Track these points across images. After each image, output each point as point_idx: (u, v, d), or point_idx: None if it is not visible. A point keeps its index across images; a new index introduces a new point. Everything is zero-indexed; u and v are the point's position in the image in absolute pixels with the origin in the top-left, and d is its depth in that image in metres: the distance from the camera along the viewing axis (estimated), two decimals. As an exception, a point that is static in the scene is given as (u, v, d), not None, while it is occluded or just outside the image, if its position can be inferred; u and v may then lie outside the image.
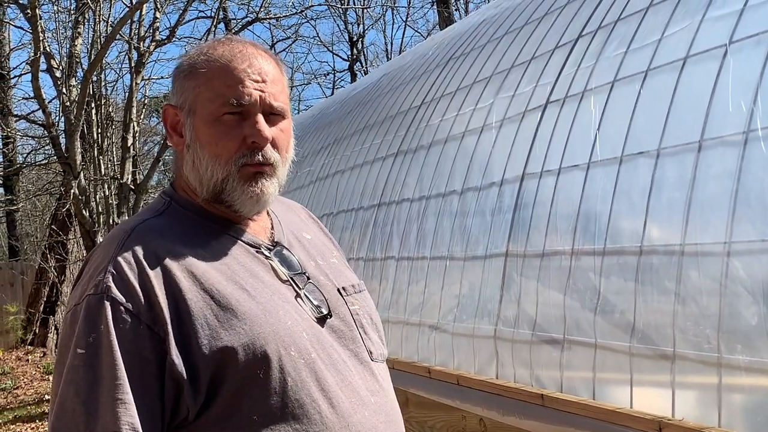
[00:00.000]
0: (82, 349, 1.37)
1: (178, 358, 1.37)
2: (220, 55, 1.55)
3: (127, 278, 1.41)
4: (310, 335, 1.49)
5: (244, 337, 1.41)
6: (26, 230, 21.49)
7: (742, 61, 2.55)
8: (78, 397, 1.35)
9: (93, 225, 8.64)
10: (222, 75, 1.53)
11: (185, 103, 1.56)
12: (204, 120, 1.53)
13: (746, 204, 2.35)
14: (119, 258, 1.43)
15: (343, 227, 5.47)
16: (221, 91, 1.52)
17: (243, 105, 1.52)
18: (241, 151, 1.52)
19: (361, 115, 6.25)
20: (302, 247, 1.68)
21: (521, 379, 3.20)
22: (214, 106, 1.52)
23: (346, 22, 23.91)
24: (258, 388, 1.40)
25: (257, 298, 1.47)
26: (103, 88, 9.83)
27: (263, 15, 10.79)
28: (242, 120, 1.53)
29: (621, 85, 3.08)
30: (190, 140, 1.56)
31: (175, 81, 1.60)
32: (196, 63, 1.56)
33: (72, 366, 1.38)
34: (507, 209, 3.53)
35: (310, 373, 1.44)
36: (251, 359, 1.40)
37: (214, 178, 1.53)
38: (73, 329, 1.40)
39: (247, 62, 1.54)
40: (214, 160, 1.52)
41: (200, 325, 1.40)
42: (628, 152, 2.87)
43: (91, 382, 1.36)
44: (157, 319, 1.39)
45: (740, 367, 2.28)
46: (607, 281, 2.82)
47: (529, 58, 3.93)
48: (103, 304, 1.39)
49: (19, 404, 9.85)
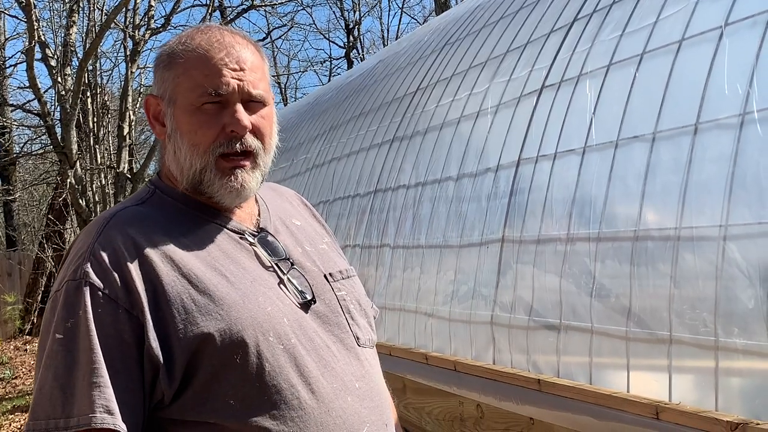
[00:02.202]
0: (60, 334, 1.39)
1: (155, 342, 1.39)
2: (197, 44, 1.55)
3: (105, 264, 1.42)
4: (291, 321, 1.50)
5: (220, 323, 1.41)
6: (23, 220, 21.50)
7: (738, 43, 2.54)
8: (56, 381, 1.37)
9: (90, 214, 8.63)
10: (200, 65, 1.53)
11: (165, 93, 1.57)
12: (183, 109, 1.54)
13: (742, 187, 2.34)
14: (97, 244, 1.45)
15: (340, 214, 5.46)
16: (199, 80, 1.52)
17: (221, 95, 1.52)
18: (219, 140, 1.53)
19: (357, 102, 6.23)
20: (290, 233, 1.68)
21: (518, 364, 3.20)
22: (193, 95, 1.53)
23: (343, 9, 23.89)
24: (235, 373, 1.41)
25: (236, 284, 1.48)
26: (99, 77, 9.82)
27: (259, 2, 10.75)
28: (222, 109, 1.53)
29: (616, 69, 3.06)
30: (171, 130, 1.56)
31: (155, 71, 1.61)
32: (174, 53, 1.57)
33: (51, 351, 1.39)
34: (503, 195, 3.52)
35: (289, 359, 1.45)
36: (228, 344, 1.41)
37: (192, 168, 1.54)
38: (53, 314, 1.42)
39: (225, 51, 1.54)
40: (192, 149, 1.53)
41: (177, 310, 1.41)
42: (623, 136, 2.86)
43: (68, 366, 1.37)
44: (135, 304, 1.40)
45: (737, 351, 2.28)
46: (603, 266, 2.81)
47: (524, 42, 3.92)
48: (82, 290, 1.40)
49: (18, 394, 9.86)
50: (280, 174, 7.19)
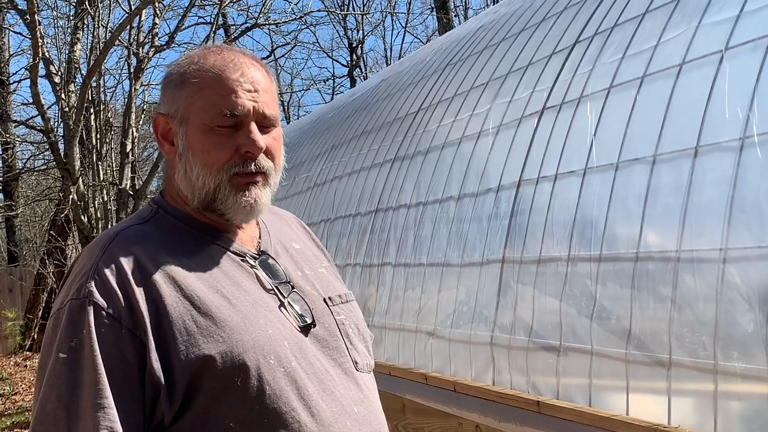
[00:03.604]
0: (64, 354, 1.38)
1: (158, 363, 1.38)
2: (212, 64, 1.55)
3: (109, 283, 1.41)
4: (291, 344, 1.49)
5: (222, 345, 1.41)
6: (25, 236, 21.50)
7: (739, 67, 2.55)
8: (59, 402, 1.36)
9: (92, 230, 8.64)
10: (215, 85, 1.53)
11: (177, 112, 1.56)
12: (197, 129, 1.53)
13: (742, 210, 2.35)
14: (101, 263, 1.44)
15: (341, 233, 5.46)
16: (214, 100, 1.52)
17: (236, 115, 1.52)
18: (233, 161, 1.52)
19: (359, 121, 6.25)
20: (289, 256, 1.68)
21: (518, 385, 3.19)
22: (207, 115, 1.52)
23: (346, 28, 23.96)
24: (235, 396, 1.40)
25: (238, 306, 1.47)
26: (102, 93, 9.84)
27: (262, 21, 10.80)
28: (236, 130, 1.53)
29: (617, 91, 3.08)
30: (182, 149, 1.55)
31: (165, 90, 1.60)
32: (187, 72, 1.56)
33: (54, 370, 1.38)
34: (504, 215, 3.52)
35: (289, 382, 1.44)
36: (228, 367, 1.40)
37: (205, 187, 1.53)
38: (56, 333, 1.41)
39: (239, 71, 1.54)
40: (205, 169, 1.52)
41: (179, 332, 1.40)
42: (624, 158, 2.86)
43: (72, 386, 1.36)
44: (138, 324, 1.39)
45: (736, 375, 2.27)
46: (604, 288, 2.81)
47: (526, 63, 3.93)
48: (86, 309, 1.39)
49: (17, 410, 9.83)
50: (281, 192, 7.19)
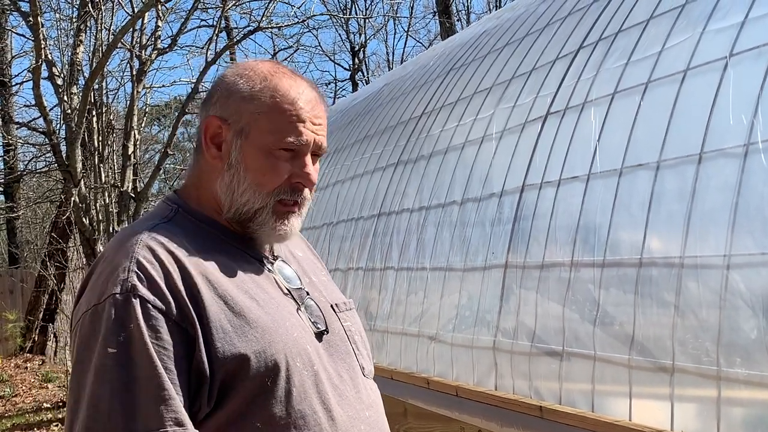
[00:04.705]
0: (113, 348, 1.36)
1: (204, 356, 1.39)
2: (286, 89, 1.56)
3: (152, 277, 1.41)
4: (312, 348, 1.52)
5: (256, 345, 1.42)
6: (26, 238, 21.48)
7: (743, 73, 2.55)
8: (114, 398, 1.34)
9: (93, 233, 8.63)
10: (287, 111, 1.55)
11: (237, 123, 1.56)
12: (257, 147, 1.55)
13: (746, 216, 2.35)
14: (140, 258, 1.43)
15: (343, 237, 5.47)
16: (283, 126, 1.54)
17: (300, 145, 1.55)
18: (283, 187, 1.55)
19: (362, 125, 6.25)
20: (297, 263, 1.71)
21: (520, 390, 3.19)
22: (271, 138, 1.54)
23: (348, 32, 23.96)
24: (265, 396, 1.42)
25: (266, 308, 1.49)
26: (105, 96, 9.84)
27: (265, 24, 10.79)
28: (292, 158, 1.56)
29: (621, 97, 3.08)
30: (234, 161, 1.56)
31: (227, 96, 1.59)
32: (258, 89, 1.57)
33: (103, 365, 1.36)
34: (507, 220, 3.52)
35: (312, 385, 1.47)
36: (262, 367, 1.42)
37: (248, 205, 1.55)
38: (96, 328, 1.39)
39: (311, 104, 1.57)
40: (255, 188, 1.54)
41: (215, 329, 1.41)
42: (628, 164, 2.86)
43: (126, 381, 1.35)
44: (185, 317, 1.40)
45: (739, 381, 2.27)
46: (607, 293, 2.81)
47: (529, 69, 3.94)
48: (131, 303, 1.38)
49: (18, 412, 9.82)
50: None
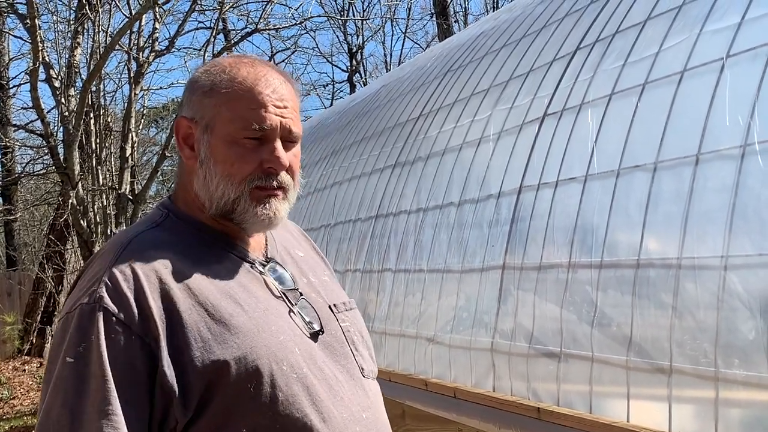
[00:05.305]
0: (71, 358, 1.37)
1: (170, 370, 1.37)
2: (244, 77, 1.55)
3: (121, 289, 1.40)
4: (302, 351, 1.49)
5: (236, 351, 1.41)
6: (24, 240, 21.47)
7: (740, 74, 2.56)
8: (64, 408, 1.35)
9: (91, 235, 8.63)
10: (245, 98, 1.53)
11: (202, 119, 1.56)
12: (222, 139, 1.53)
13: (743, 218, 2.35)
14: (114, 269, 1.43)
15: (341, 238, 5.46)
16: (243, 113, 1.52)
17: (264, 130, 1.53)
18: (255, 174, 1.53)
19: (360, 127, 6.25)
20: (295, 263, 1.69)
21: (518, 392, 3.19)
22: (234, 127, 1.52)
23: (346, 34, 23.96)
24: (249, 402, 1.40)
25: (250, 312, 1.47)
26: (102, 98, 9.84)
27: (262, 26, 10.81)
28: (260, 144, 1.53)
29: (618, 98, 3.08)
30: (204, 157, 1.55)
31: (192, 94, 1.59)
32: (217, 81, 1.56)
33: (60, 375, 1.37)
34: (504, 221, 3.52)
35: (301, 388, 1.45)
36: (243, 373, 1.40)
37: (225, 197, 1.53)
38: (64, 337, 1.40)
39: (271, 87, 1.55)
40: (227, 179, 1.53)
41: (193, 338, 1.40)
42: (625, 165, 2.87)
43: (78, 392, 1.35)
44: (149, 331, 1.38)
45: (737, 382, 2.27)
46: (604, 294, 2.81)
47: (527, 70, 3.94)
48: (95, 314, 1.38)
49: (16, 414, 9.81)
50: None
